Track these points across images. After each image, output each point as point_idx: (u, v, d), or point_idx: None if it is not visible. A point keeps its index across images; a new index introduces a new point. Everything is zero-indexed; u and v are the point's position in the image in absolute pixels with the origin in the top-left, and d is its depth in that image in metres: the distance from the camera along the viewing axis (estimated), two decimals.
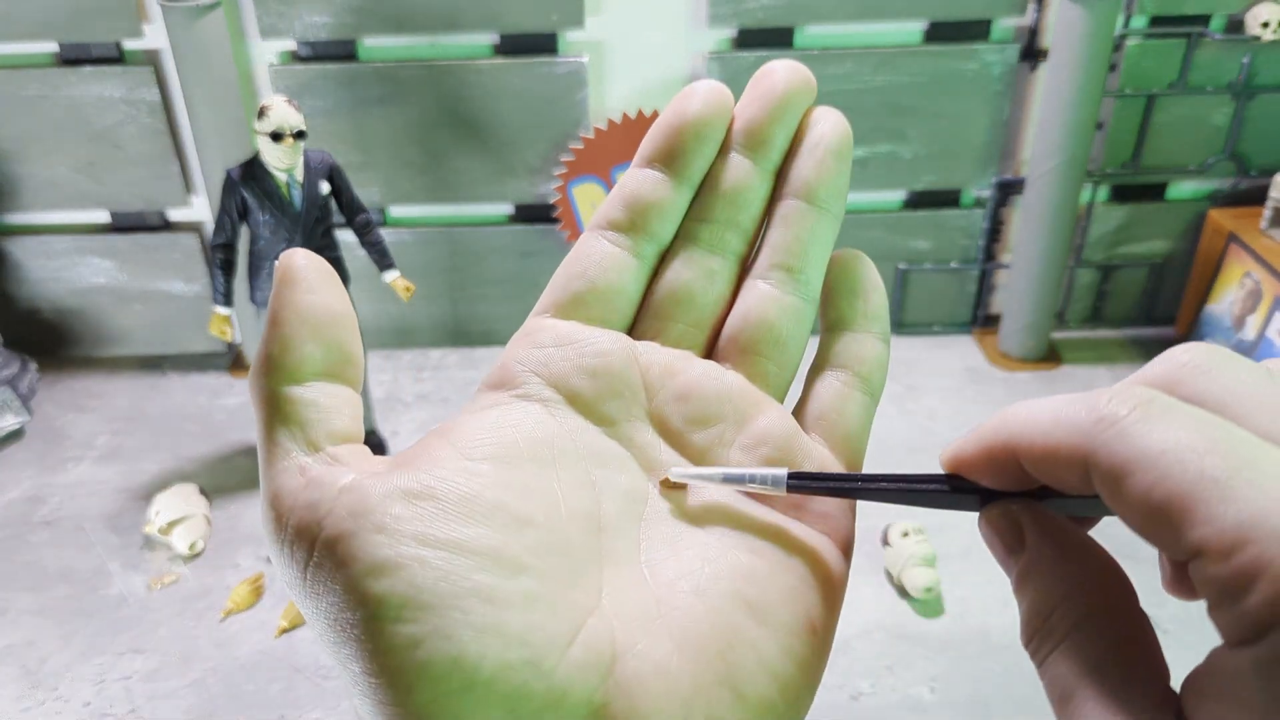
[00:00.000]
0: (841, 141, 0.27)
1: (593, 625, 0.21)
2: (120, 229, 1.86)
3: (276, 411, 0.22)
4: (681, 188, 0.27)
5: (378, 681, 0.20)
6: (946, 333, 2.00)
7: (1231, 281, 1.82)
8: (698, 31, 1.73)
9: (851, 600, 1.53)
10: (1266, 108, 1.78)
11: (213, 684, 1.27)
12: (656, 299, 0.27)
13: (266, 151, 1.41)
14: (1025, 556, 0.22)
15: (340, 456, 0.22)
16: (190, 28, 1.51)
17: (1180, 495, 0.18)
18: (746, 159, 0.27)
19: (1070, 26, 1.59)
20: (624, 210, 0.27)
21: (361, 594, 0.20)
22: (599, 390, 0.25)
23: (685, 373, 0.26)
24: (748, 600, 0.23)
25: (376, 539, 0.20)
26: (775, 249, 0.27)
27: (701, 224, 0.27)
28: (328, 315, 0.23)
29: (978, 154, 1.83)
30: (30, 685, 1.28)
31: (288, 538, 0.21)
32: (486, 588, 0.20)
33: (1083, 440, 0.19)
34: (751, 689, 0.22)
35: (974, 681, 1.30)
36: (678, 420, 0.25)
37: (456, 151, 1.80)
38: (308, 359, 0.23)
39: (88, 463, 1.67)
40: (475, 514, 0.21)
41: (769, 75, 0.27)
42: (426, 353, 1.97)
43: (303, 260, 0.24)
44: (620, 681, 0.21)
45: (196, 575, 1.44)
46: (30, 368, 1.83)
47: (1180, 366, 0.20)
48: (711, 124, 0.27)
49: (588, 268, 0.26)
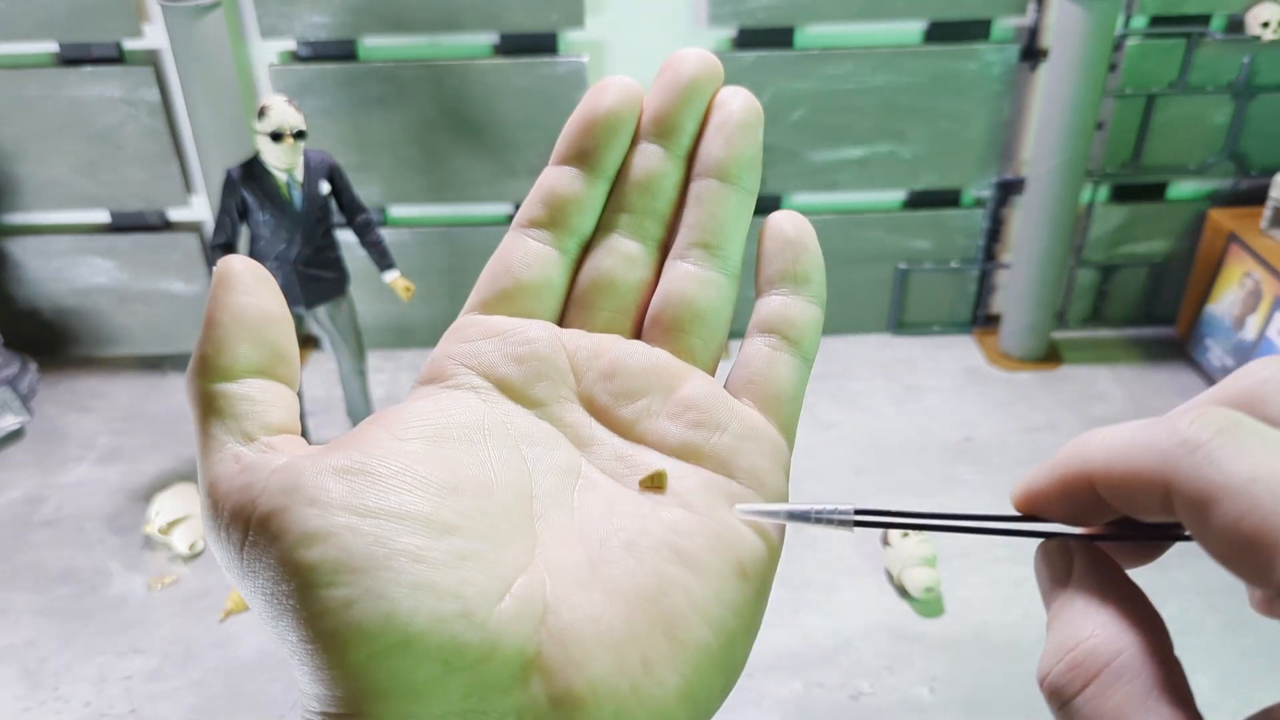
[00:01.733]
0: (748, 117, 0.28)
1: (524, 580, 0.22)
2: (120, 229, 1.86)
3: (211, 407, 0.23)
4: (598, 181, 0.28)
5: (314, 647, 0.20)
6: (946, 333, 2.00)
7: (1231, 281, 1.82)
8: (698, 31, 1.73)
9: (851, 600, 1.54)
10: (1266, 108, 1.78)
11: (213, 684, 1.27)
12: (580, 289, 0.28)
13: (266, 151, 1.41)
14: (1067, 591, 0.22)
15: (275, 445, 0.23)
16: (190, 28, 1.51)
17: (1272, 528, 0.17)
18: (659, 147, 0.28)
19: (1070, 26, 1.59)
20: (543, 208, 0.27)
21: (294, 563, 0.20)
22: (526, 375, 0.26)
23: (610, 352, 0.27)
24: (677, 549, 0.23)
25: (308, 511, 0.21)
26: (692, 228, 0.28)
27: (619, 214, 0.28)
28: (261, 316, 0.24)
29: (978, 154, 1.83)
30: (30, 685, 1.28)
31: (224, 522, 0.22)
32: (416, 548, 0.20)
33: (1163, 464, 0.19)
34: (684, 632, 0.22)
35: (974, 681, 1.30)
36: (605, 397, 0.26)
37: (456, 151, 1.80)
38: (241, 358, 0.23)
39: (88, 463, 1.67)
40: (405, 485, 0.21)
41: (675, 64, 0.28)
42: (426, 353, 1.96)
43: (239, 264, 0.24)
44: (553, 631, 0.21)
45: (196, 575, 1.44)
46: (30, 368, 1.83)
47: (1263, 383, 0.20)
48: (621, 117, 0.27)
49: (512, 265, 0.27)
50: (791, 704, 1.25)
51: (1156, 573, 0.24)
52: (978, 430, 1.75)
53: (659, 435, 0.26)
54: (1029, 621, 1.37)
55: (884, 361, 1.93)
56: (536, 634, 0.21)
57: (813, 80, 1.72)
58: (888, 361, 1.93)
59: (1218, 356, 1.83)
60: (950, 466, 1.69)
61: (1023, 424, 1.76)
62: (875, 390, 1.85)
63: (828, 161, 1.80)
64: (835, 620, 1.37)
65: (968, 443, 1.72)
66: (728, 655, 0.23)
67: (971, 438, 1.73)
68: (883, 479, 1.66)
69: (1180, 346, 1.94)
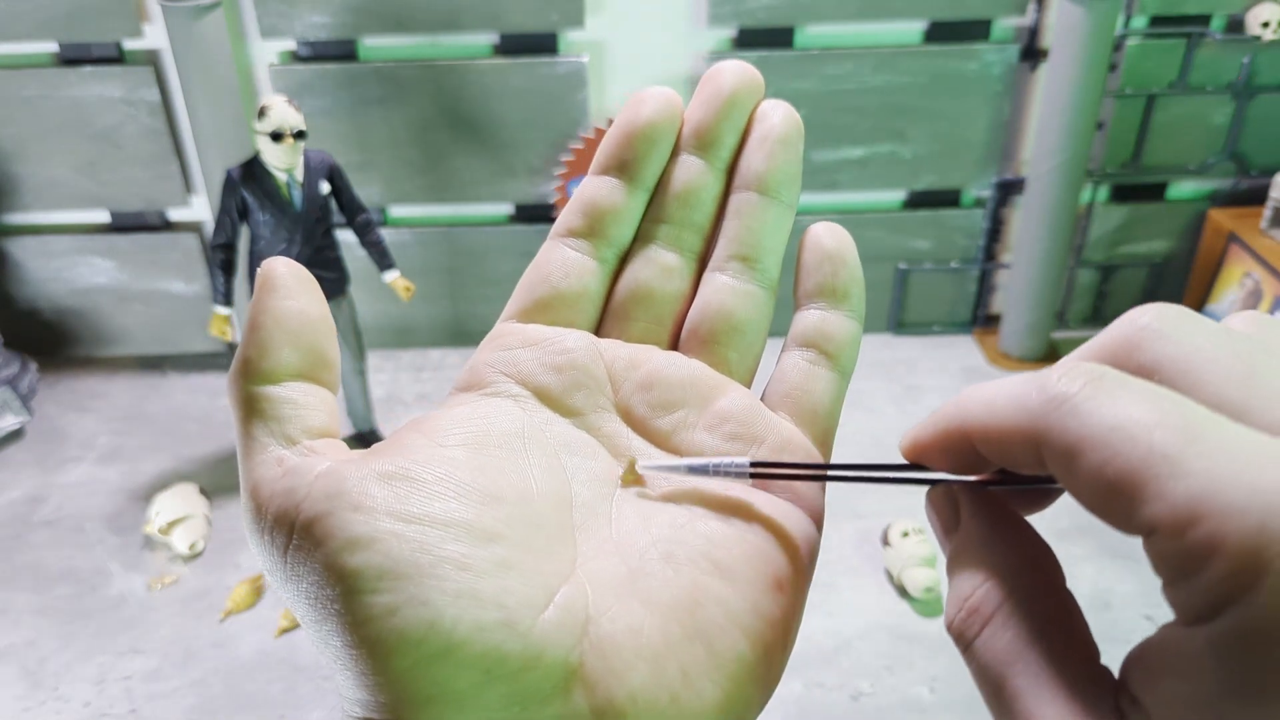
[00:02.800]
0: (789, 131, 0.28)
1: (566, 590, 0.22)
2: (120, 229, 1.86)
3: (254, 409, 0.23)
4: (637, 192, 0.28)
5: (358, 653, 0.20)
6: (946, 333, 2.00)
7: (1231, 281, 1.82)
8: (698, 31, 1.73)
9: (851, 600, 1.54)
10: (1266, 108, 1.78)
11: (213, 684, 1.27)
12: (618, 299, 0.28)
13: (266, 151, 1.41)
14: (957, 537, 0.22)
15: (317, 449, 0.23)
16: (190, 28, 1.51)
17: (1131, 472, 0.17)
18: (699, 159, 0.28)
19: (1070, 26, 1.59)
20: (582, 217, 0.27)
21: (339, 569, 0.20)
22: (565, 384, 0.26)
23: (648, 363, 0.27)
24: (714, 561, 0.24)
25: (353, 517, 0.21)
26: (731, 241, 0.28)
27: (658, 225, 0.28)
28: (304, 321, 0.24)
29: (978, 154, 1.83)
30: (30, 685, 1.28)
31: (267, 525, 0.22)
32: (460, 556, 0.21)
33: (1034, 420, 0.19)
34: (722, 643, 0.23)
35: (974, 682, 1.29)
36: (642, 408, 0.26)
37: (456, 151, 1.80)
38: (284, 362, 0.23)
39: (88, 463, 1.67)
40: (448, 492, 0.22)
41: (716, 76, 0.28)
42: (426, 353, 1.98)
43: (283, 268, 0.24)
44: (594, 642, 0.21)
45: (196, 575, 1.44)
46: (30, 368, 1.83)
47: (1138, 330, 0.20)
48: (661, 129, 0.28)
49: (550, 274, 0.27)
50: (791, 704, 1.25)
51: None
52: None
53: (696, 446, 0.26)
54: None
55: (884, 361, 1.93)
56: (579, 645, 0.21)
57: (813, 80, 1.72)
58: (888, 361, 1.93)
59: None
60: None
61: None
62: (875, 390, 1.85)
63: (828, 161, 1.80)
64: (835, 620, 1.37)
65: None
66: (765, 667, 0.24)
67: None
68: None
69: None
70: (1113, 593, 1.41)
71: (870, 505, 1.54)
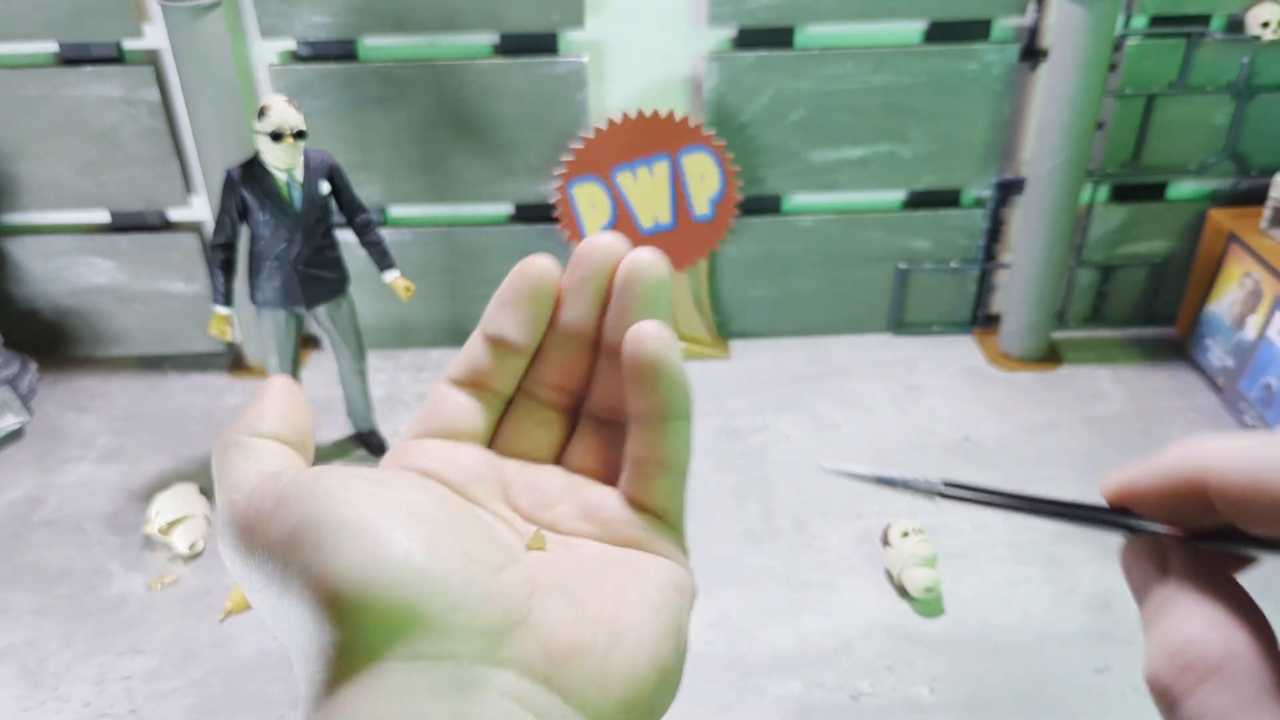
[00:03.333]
0: (654, 289, 0.31)
1: (516, 566, 0.25)
2: (120, 229, 1.86)
3: (236, 445, 0.27)
4: (519, 356, 0.32)
5: (318, 601, 0.23)
6: (946, 333, 2.00)
7: (1231, 281, 1.82)
8: (698, 31, 1.73)
9: (851, 600, 1.54)
10: (1266, 108, 1.78)
11: (213, 684, 1.27)
12: (502, 439, 0.31)
13: (266, 151, 1.41)
14: (1167, 588, 0.22)
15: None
16: (190, 28, 1.51)
17: None
18: (576, 323, 0.31)
19: (1070, 26, 1.59)
20: (469, 374, 0.31)
21: (312, 518, 0.23)
22: (466, 478, 0.30)
23: (532, 474, 0.31)
24: (624, 563, 0.28)
25: (332, 483, 0.24)
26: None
27: (538, 385, 0.32)
28: (300, 419, 0.28)
29: (978, 154, 1.83)
30: (30, 685, 1.28)
31: (243, 506, 0.25)
32: (425, 530, 0.24)
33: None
34: (631, 614, 0.26)
35: (974, 681, 1.30)
36: (527, 506, 0.30)
37: (456, 151, 1.80)
38: (271, 429, 0.28)
39: (88, 463, 1.67)
40: (412, 488, 0.26)
41: (587, 252, 0.31)
42: (426, 353, 1.98)
43: (284, 383, 0.29)
44: (539, 601, 0.25)
45: (196, 575, 1.44)
46: (30, 368, 1.83)
47: None
48: (540, 299, 0.31)
49: (444, 414, 0.31)
50: (792, 704, 1.25)
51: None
52: (978, 430, 1.75)
53: (575, 530, 0.30)
54: (1029, 621, 1.37)
55: (884, 361, 1.93)
56: (528, 601, 0.24)
57: (813, 80, 1.72)
58: (888, 361, 1.93)
59: (1218, 356, 1.83)
60: (950, 466, 1.69)
61: (1023, 424, 1.76)
62: (875, 390, 1.85)
63: (828, 161, 1.80)
64: (835, 620, 1.37)
65: (967, 442, 1.72)
66: (672, 643, 0.27)
67: (971, 437, 1.73)
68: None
69: (1180, 346, 1.94)
70: (1113, 593, 1.41)
71: (870, 505, 1.54)
